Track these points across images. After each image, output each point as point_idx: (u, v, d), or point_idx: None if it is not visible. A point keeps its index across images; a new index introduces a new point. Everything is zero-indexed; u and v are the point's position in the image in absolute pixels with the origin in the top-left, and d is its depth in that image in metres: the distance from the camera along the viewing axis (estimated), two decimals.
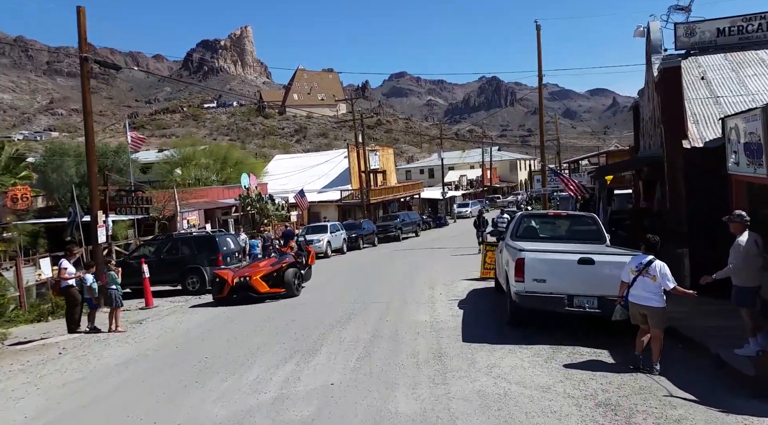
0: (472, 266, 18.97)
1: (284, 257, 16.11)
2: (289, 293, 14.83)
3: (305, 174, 47.28)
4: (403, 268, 20.32)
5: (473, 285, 15.11)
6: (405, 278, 17.46)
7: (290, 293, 14.85)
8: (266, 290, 14.63)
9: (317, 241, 28.13)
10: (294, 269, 15.54)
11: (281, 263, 15.58)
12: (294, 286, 15.07)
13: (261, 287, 14.61)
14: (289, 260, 15.79)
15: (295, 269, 15.57)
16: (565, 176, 25.53)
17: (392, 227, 38.16)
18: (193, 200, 31.93)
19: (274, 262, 15.83)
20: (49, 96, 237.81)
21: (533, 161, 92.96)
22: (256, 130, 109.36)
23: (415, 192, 53.19)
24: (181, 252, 18.61)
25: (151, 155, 47.08)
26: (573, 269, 9.15)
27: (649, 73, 16.47)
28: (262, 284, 14.68)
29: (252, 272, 14.99)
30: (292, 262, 15.84)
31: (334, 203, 42.83)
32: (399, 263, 22.35)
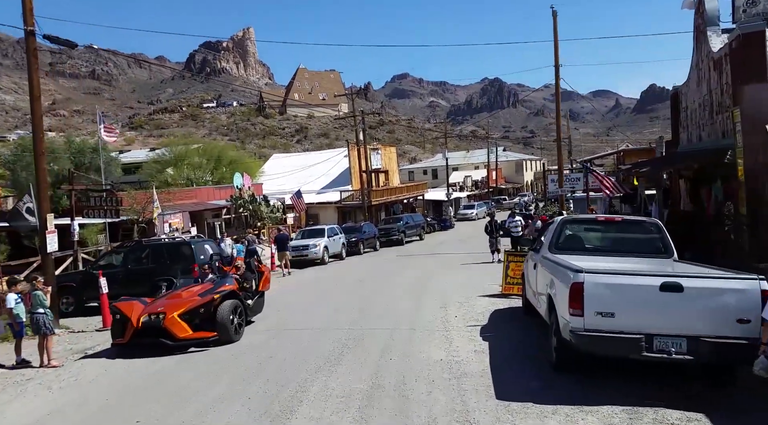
0: (488, 278, 16.27)
1: (223, 281, 11.32)
2: (224, 338, 10.12)
3: (304, 174, 44.62)
4: (408, 279, 17.61)
5: (494, 304, 12.38)
6: (411, 293, 14.73)
7: (225, 337, 10.14)
8: (187, 335, 9.92)
9: (313, 246, 25.46)
10: (233, 302, 10.62)
11: (215, 291, 10.68)
12: (231, 327, 10.28)
13: (179, 331, 9.88)
14: (227, 288, 10.93)
15: (234, 302, 10.67)
16: (600, 173, 22.57)
17: (395, 231, 35.46)
18: (180, 201, 29.29)
19: (204, 289, 10.93)
20: (51, 97, 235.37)
21: (539, 161, 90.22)
22: (256, 130, 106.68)
23: (419, 193, 50.46)
24: (150, 262, 15.96)
25: (141, 154, 44.43)
26: (653, 298, 6.46)
27: (701, 50, 13.74)
28: (181, 326, 9.93)
29: (169, 307, 10.15)
30: (231, 291, 10.94)
31: (334, 204, 40.12)
32: (403, 272, 19.64)
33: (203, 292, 10.76)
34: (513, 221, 21.19)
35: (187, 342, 9.89)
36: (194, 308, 10.20)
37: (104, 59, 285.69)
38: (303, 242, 26.01)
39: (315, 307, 13.67)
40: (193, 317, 10.16)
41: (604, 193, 21.68)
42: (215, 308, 10.29)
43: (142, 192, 24.52)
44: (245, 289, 11.87)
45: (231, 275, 11.73)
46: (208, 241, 17.14)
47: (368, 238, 32.16)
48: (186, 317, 10.06)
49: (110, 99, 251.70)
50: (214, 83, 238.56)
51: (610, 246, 9.25)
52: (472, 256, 24.22)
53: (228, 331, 10.20)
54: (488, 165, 67.70)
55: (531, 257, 10.36)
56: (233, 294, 10.92)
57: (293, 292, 16.76)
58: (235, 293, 11.01)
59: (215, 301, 10.38)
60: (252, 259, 13.76)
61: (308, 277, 20.67)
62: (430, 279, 17.10)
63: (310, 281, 19.15)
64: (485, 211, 57.31)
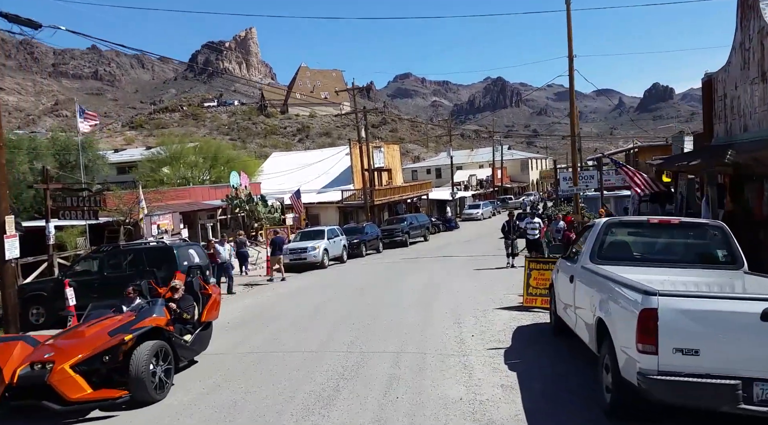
0: (503, 285, 14.59)
1: (147, 312, 8.15)
2: (139, 396, 7.03)
3: (303, 173, 42.92)
4: (414, 286, 15.92)
5: (515, 319, 10.68)
6: (419, 304, 13.03)
7: (141, 395, 7.04)
8: (84, 396, 6.76)
9: (312, 249, 23.77)
10: (155, 344, 7.44)
11: (129, 329, 7.49)
12: (149, 383, 7.09)
13: (72, 389, 6.72)
14: (148, 323, 7.76)
15: (157, 344, 7.49)
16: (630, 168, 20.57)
17: (399, 231, 33.76)
18: (172, 201, 27.66)
19: (121, 323, 7.73)
20: (54, 98, 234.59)
21: (545, 160, 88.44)
22: (257, 129, 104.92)
23: (423, 192, 48.73)
24: (128, 269, 14.29)
25: (137, 153, 42.86)
26: (753, 330, 4.76)
27: (748, 28, 12.00)
28: (75, 383, 6.77)
29: (60, 353, 7.07)
30: (153, 328, 7.73)
31: (335, 204, 38.43)
32: (409, 278, 17.94)
33: (116, 328, 7.54)
34: (531, 223, 19.12)
35: (84, 406, 6.84)
36: (95, 356, 7.07)
37: (107, 60, 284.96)
38: (301, 244, 24.34)
39: (309, 321, 11.97)
40: (94, 368, 7.10)
41: (635, 191, 19.87)
42: (128, 353, 7.15)
43: (129, 192, 22.83)
44: (184, 320, 8.77)
45: (161, 303, 8.48)
46: (195, 245, 15.46)
47: (371, 239, 30.50)
48: (83, 368, 6.96)
49: (113, 99, 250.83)
50: (217, 83, 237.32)
51: (664, 255, 7.54)
52: (481, 259, 22.53)
53: (144, 387, 7.03)
54: (493, 164, 65.95)
55: (563, 268, 8.65)
56: (157, 332, 7.73)
57: (286, 301, 15.07)
58: (159, 331, 7.80)
59: (126, 344, 7.15)
60: (195, 277, 10.36)
61: (305, 283, 18.97)
62: (438, 287, 15.39)
63: (306, 289, 17.46)
64: (491, 210, 55.68)
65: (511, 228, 18.57)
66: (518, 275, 15.98)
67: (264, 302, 14.93)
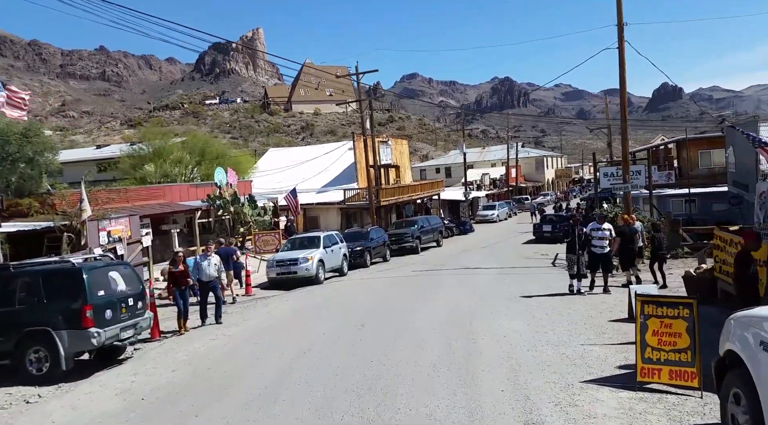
0: (574, 324, 9.72)
1: None
2: None
3: (303, 171, 38.13)
4: (435, 319, 11.06)
5: (638, 413, 5.79)
6: (449, 363, 8.11)
7: None
8: None
9: (303, 260, 18.96)
10: None
11: None
12: None
13: None
14: None
15: None
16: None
17: (409, 236, 28.93)
18: (142, 201, 22.95)
19: None
20: (61, 98, 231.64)
21: (560, 158, 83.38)
22: (260, 127, 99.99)
23: (435, 192, 43.76)
24: (17, 301, 9.55)
25: (119, 149, 38.15)
26: None
27: None
28: None
29: None
30: None
31: (336, 205, 33.58)
32: (426, 304, 13.07)
33: None
34: (598, 230, 13.05)
35: None
36: None
37: (114, 61, 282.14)
38: (290, 255, 19.54)
39: (279, 393, 7.13)
40: None
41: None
42: None
43: (79, 191, 18.01)
44: None
45: None
46: (122, 266, 10.67)
47: (376, 246, 25.71)
48: None
49: (120, 100, 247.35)
50: (224, 84, 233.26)
51: None
52: (514, 273, 17.63)
53: None
54: (507, 162, 60.93)
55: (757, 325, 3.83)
56: None
57: (243, 351, 10.16)
58: None
59: None
60: None
61: (284, 310, 14.08)
62: (471, 324, 10.48)
63: (281, 323, 12.51)
64: (507, 212, 50.66)
65: (576, 238, 13.00)
66: (584, 306, 11.19)
67: (206, 354, 10.09)
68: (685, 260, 18.66)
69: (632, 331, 9.32)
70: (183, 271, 12.20)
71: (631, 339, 8.80)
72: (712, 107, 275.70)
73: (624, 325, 9.76)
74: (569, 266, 13.07)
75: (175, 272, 12.14)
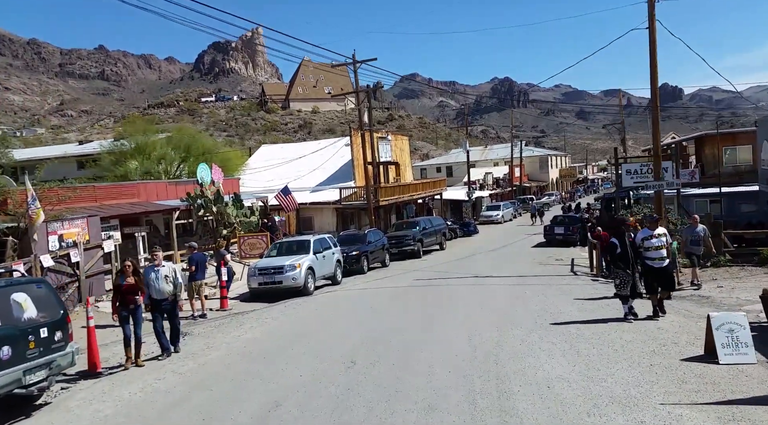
0: (627, 356, 7.18)
1: None
2: None
3: (296, 169, 35.47)
4: (451, 352, 8.41)
5: None
6: (474, 422, 5.53)
7: None
8: None
9: (290, 268, 16.32)
10: None
11: None
12: None
13: None
14: None
15: None
16: None
17: (410, 239, 26.33)
18: (109, 200, 20.32)
19: None
20: (59, 98, 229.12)
21: (564, 157, 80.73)
22: (256, 125, 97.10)
23: (437, 192, 41.07)
24: None
25: (103, 145, 35.51)
26: None
27: None
28: None
29: None
30: None
31: (332, 205, 30.92)
32: (436, 327, 10.46)
33: None
34: (653, 239, 9.87)
35: None
36: None
37: (114, 60, 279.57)
38: (275, 262, 16.88)
39: None
40: None
41: None
42: None
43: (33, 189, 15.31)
44: None
45: None
46: (37, 283, 8.04)
47: (374, 250, 23.11)
48: None
49: (119, 99, 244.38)
50: (223, 83, 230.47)
51: None
52: (536, 283, 14.98)
53: None
54: (511, 161, 58.30)
55: None
56: None
57: (188, 400, 7.33)
58: None
59: None
60: None
61: (255, 337, 11.31)
62: (499, 368, 7.80)
63: (249, 355, 9.71)
64: (512, 212, 48.03)
65: (628, 249, 9.86)
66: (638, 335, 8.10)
67: (139, 405, 7.34)
68: (730, 270, 16.04)
69: (722, 378, 6.75)
70: (132, 285, 9.51)
71: (729, 393, 6.19)
72: (712, 108, 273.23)
73: (706, 368, 7.15)
74: (621, 284, 9.96)
75: (122, 286, 9.48)
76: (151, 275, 9.68)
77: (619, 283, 9.82)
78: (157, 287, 9.63)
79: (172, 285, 9.80)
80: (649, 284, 9.81)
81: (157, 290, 9.63)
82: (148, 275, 9.67)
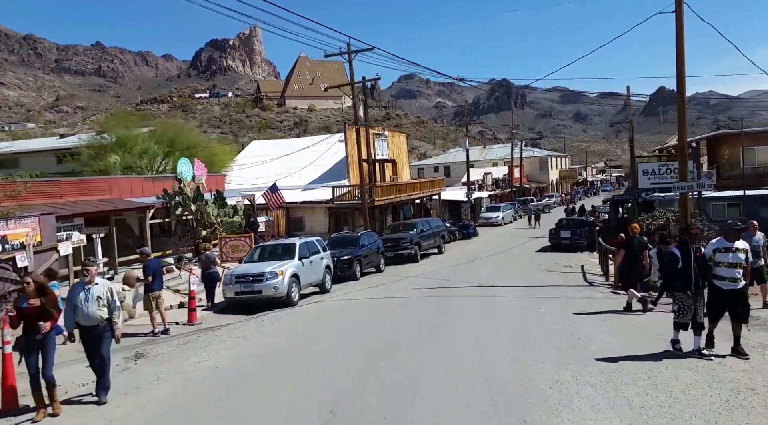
0: (703, 414, 5.02)
1: None
2: None
3: (287, 165, 33.40)
4: (461, 400, 6.43)
5: None
6: None
7: None
8: None
9: (271, 276, 14.28)
10: None
11: None
12: None
13: None
14: None
15: None
16: None
17: (407, 242, 24.34)
18: (76, 196, 18.25)
19: None
20: (55, 93, 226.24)
21: (564, 159, 78.87)
22: (251, 123, 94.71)
23: (435, 192, 39.07)
24: None
25: (84, 139, 33.39)
26: None
27: None
28: None
29: None
30: None
31: (324, 204, 28.89)
32: (439, 358, 8.45)
33: None
34: (730, 254, 7.62)
35: None
36: None
37: (110, 56, 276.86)
38: (255, 268, 14.84)
39: None
40: None
41: None
42: None
43: None
44: None
45: None
46: None
47: (368, 254, 21.10)
48: None
49: (115, 96, 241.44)
50: (219, 81, 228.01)
51: None
52: (549, 297, 12.92)
53: None
54: (511, 161, 56.35)
55: None
56: None
57: None
58: None
59: None
60: None
61: (216, 366, 9.24)
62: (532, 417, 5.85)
63: (199, 395, 7.59)
64: (512, 214, 46.10)
65: (691, 265, 7.61)
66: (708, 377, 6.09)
67: None
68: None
69: None
70: (37, 307, 7.05)
71: None
72: (709, 112, 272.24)
73: None
74: (681, 311, 7.80)
75: (24, 309, 7.05)
76: (79, 295, 7.42)
77: (678, 309, 7.76)
78: (85, 311, 7.36)
79: (106, 309, 7.56)
80: (712, 309, 7.75)
81: (86, 315, 7.37)
82: (76, 294, 7.45)
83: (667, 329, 8.47)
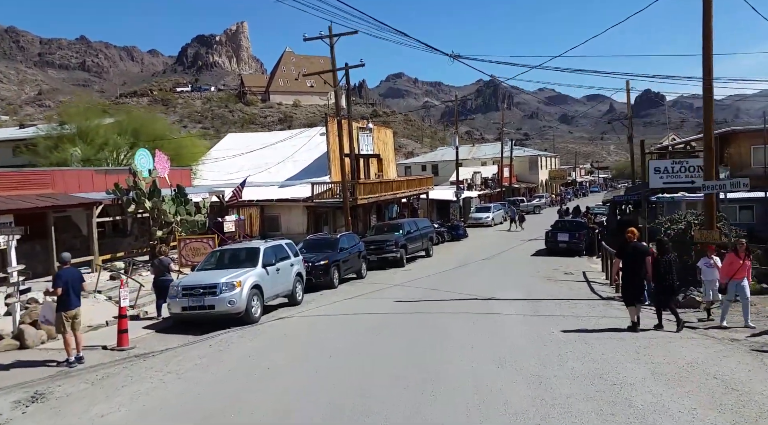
0: None
1: None
2: None
3: (264, 160, 30.78)
4: None
5: None
6: None
7: None
8: None
9: (226, 287, 11.77)
10: None
11: None
12: None
13: None
14: None
15: None
16: None
17: (392, 244, 21.93)
18: (9, 190, 15.58)
19: None
20: (37, 87, 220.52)
21: (554, 158, 76.96)
22: (234, 118, 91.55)
23: (423, 190, 36.65)
24: None
25: (44, 129, 30.51)
26: None
27: None
28: None
29: None
30: None
31: (302, 202, 26.34)
32: (432, 419, 6.06)
33: None
34: None
35: None
36: None
37: (95, 51, 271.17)
38: (207, 278, 12.28)
39: None
40: None
41: None
42: None
43: None
44: None
45: None
46: None
47: (348, 258, 18.64)
48: None
49: (100, 91, 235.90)
50: (205, 77, 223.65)
51: None
52: (557, 314, 10.49)
53: None
54: (501, 160, 54.17)
55: None
56: None
57: None
58: None
59: None
60: None
61: None
62: None
63: None
64: (502, 215, 43.76)
65: None
66: None
67: None
68: None
69: None
70: None
71: None
72: (693, 115, 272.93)
73: None
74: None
75: None
76: None
77: None
78: None
79: None
80: None
81: None
82: None
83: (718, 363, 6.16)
